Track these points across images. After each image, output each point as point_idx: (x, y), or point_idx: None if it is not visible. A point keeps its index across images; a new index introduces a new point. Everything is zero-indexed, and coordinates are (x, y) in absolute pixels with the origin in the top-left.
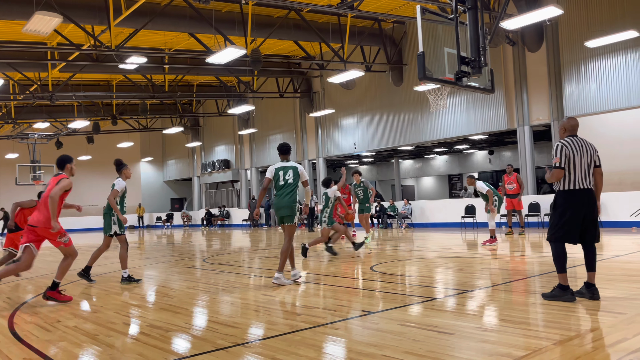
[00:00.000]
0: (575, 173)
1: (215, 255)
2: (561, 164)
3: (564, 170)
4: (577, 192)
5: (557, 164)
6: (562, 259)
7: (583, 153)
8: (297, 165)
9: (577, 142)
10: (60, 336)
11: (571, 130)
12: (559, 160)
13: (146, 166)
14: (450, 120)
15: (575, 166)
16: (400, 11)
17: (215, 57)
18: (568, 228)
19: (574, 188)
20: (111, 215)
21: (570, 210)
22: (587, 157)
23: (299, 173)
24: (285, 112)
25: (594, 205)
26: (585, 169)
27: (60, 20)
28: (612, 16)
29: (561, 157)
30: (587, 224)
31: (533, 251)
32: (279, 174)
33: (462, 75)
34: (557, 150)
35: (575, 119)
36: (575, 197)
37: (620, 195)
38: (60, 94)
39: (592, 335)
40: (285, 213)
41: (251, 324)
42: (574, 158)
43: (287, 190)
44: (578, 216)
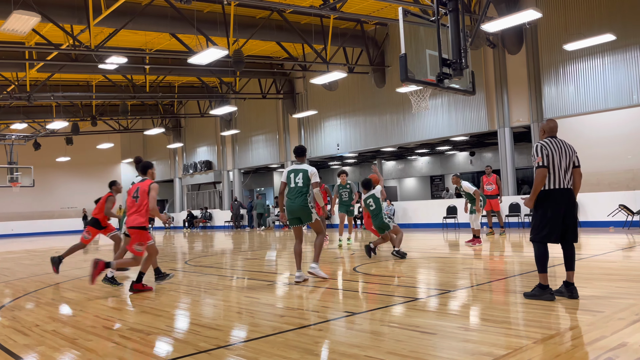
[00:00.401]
0: (555, 173)
1: (197, 257)
2: (544, 162)
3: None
4: (557, 192)
5: (539, 163)
6: (544, 259)
7: (562, 154)
8: (308, 168)
9: (556, 143)
10: (39, 340)
11: (550, 132)
12: (541, 160)
13: (127, 168)
14: (432, 122)
15: (555, 166)
16: (382, 13)
17: (197, 58)
18: (550, 228)
19: (554, 188)
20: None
21: (551, 210)
22: (567, 158)
23: (309, 176)
24: (267, 113)
25: (574, 204)
26: (564, 169)
27: (39, 19)
28: (589, 20)
29: (542, 157)
30: (567, 223)
31: (514, 251)
32: (290, 176)
33: (444, 77)
34: (537, 151)
35: (554, 121)
36: (556, 197)
37: (598, 196)
38: (38, 94)
39: (572, 334)
40: (300, 215)
41: (234, 326)
42: (554, 158)
43: (297, 194)
44: (559, 216)
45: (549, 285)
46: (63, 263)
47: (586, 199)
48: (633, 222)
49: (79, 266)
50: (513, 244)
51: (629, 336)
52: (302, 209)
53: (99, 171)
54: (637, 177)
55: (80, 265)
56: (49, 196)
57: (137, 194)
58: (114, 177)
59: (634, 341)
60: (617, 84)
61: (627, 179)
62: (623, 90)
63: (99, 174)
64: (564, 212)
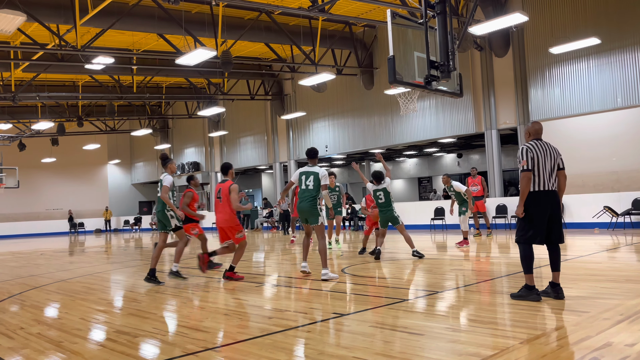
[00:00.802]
0: (540, 175)
1: (184, 259)
2: (528, 166)
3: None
4: (542, 194)
5: (524, 167)
6: (529, 260)
7: (547, 156)
8: (319, 171)
9: (541, 146)
10: (23, 343)
11: (535, 134)
12: (526, 163)
13: (113, 169)
14: (420, 124)
15: (540, 168)
16: (371, 15)
17: (185, 59)
18: (535, 229)
19: (539, 190)
20: (167, 211)
21: (536, 211)
22: (551, 160)
23: (319, 179)
24: (256, 114)
25: (559, 206)
26: (549, 171)
27: (24, 18)
28: (575, 24)
29: (527, 160)
30: (551, 224)
31: (500, 252)
32: (302, 178)
33: (432, 79)
34: (522, 154)
35: (539, 124)
36: (541, 199)
37: (583, 197)
38: (23, 94)
39: (558, 334)
40: (307, 216)
41: (221, 328)
42: (539, 161)
43: (307, 195)
44: (544, 217)
45: (535, 286)
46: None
47: (571, 201)
48: (617, 224)
49: (65, 268)
50: (500, 245)
51: (613, 336)
52: (310, 211)
53: (85, 172)
54: (622, 179)
55: (65, 267)
56: (34, 197)
57: (220, 195)
58: (101, 179)
59: (618, 341)
60: (602, 87)
61: (612, 180)
62: (607, 93)
63: (85, 175)
64: (549, 213)
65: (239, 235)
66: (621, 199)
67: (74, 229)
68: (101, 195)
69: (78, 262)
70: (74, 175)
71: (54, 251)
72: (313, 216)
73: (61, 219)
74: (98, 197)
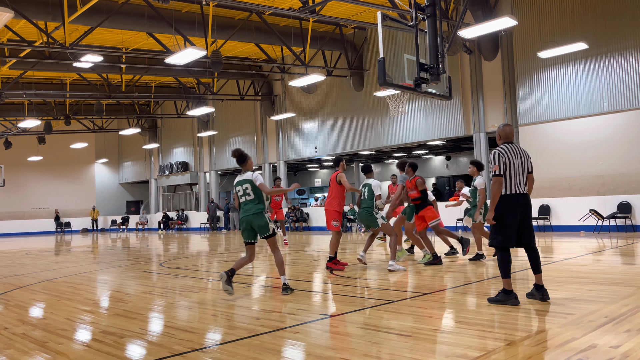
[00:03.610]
0: (512, 178)
1: (172, 259)
2: (500, 171)
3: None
4: (513, 197)
5: (496, 172)
6: (507, 264)
7: (518, 159)
8: (373, 182)
9: (512, 149)
10: (7, 344)
11: (506, 138)
12: (497, 168)
13: (101, 168)
14: (409, 126)
15: (512, 172)
16: (361, 17)
17: (174, 58)
18: (507, 232)
19: (510, 193)
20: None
21: (508, 214)
22: (522, 163)
23: (372, 189)
24: (245, 114)
25: (530, 209)
26: (520, 174)
27: (12, 15)
28: (562, 28)
29: (499, 165)
30: (523, 227)
31: (488, 254)
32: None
33: (421, 82)
34: (494, 158)
35: (510, 126)
36: (512, 202)
37: (569, 201)
38: (10, 91)
39: (543, 336)
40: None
41: (209, 329)
42: (510, 164)
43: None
44: (515, 220)
45: (513, 290)
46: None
47: (558, 204)
48: (603, 227)
49: (51, 268)
50: (487, 247)
51: (598, 338)
52: (369, 219)
53: (73, 171)
54: (607, 182)
55: (51, 267)
56: (19, 196)
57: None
58: (88, 178)
59: (603, 342)
60: (589, 91)
61: (598, 184)
62: (594, 97)
63: (72, 174)
64: (521, 216)
65: (335, 223)
66: (607, 202)
67: (60, 229)
68: (88, 195)
69: (64, 261)
70: (60, 174)
71: (39, 250)
72: (372, 223)
73: (47, 218)
74: (85, 197)
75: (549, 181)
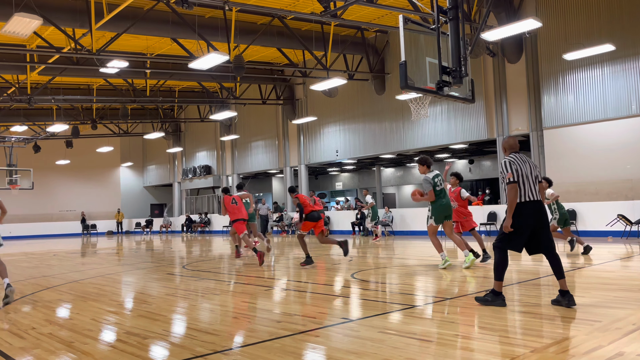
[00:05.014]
0: (524, 186)
1: (195, 261)
2: (514, 178)
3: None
4: (527, 204)
5: (510, 179)
6: (503, 267)
7: (527, 167)
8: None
9: (520, 158)
10: (35, 343)
11: (511, 149)
12: (511, 175)
13: (126, 171)
14: (432, 129)
15: (523, 180)
16: (383, 21)
17: (197, 63)
18: (518, 239)
19: (524, 200)
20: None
21: (523, 222)
22: (532, 172)
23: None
24: (267, 118)
25: (545, 215)
26: (532, 182)
27: (40, 22)
28: (589, 30)
29: (512, 172)
30: (540, 234)
31: (512, 259)
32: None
33: (443, 85)
34: (506, 167)
35: (514, 138)
36: (526, 209)
37: (597, 205)
38: (39, 97)
39: (569, 343)
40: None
41: (230, 331)
42: (523, 172)
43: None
44: (526, 227)
45: (502, 293)
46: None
47: (585, 208)
48: (631, 232)
49: (77, 269)
50: (510, 252)
51: (625, 346)
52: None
53: (99, 174)
54: (636, 186)
55: (77, 268)
56: (48, 199)
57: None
58: (114, 181)
59: (630, 351)
60: (616, 94)
61: (626, 188)
62: (622, 100)
63: (98, 177)
64: (534, 223)
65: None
66: (635, 207)
67: (86, 231)
68: (113, 198)
69: (90, 263)
70: (87, 178)
71: (66, 252)
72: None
73: (74, 221)
74: (110, 199)
75: (575, 185)
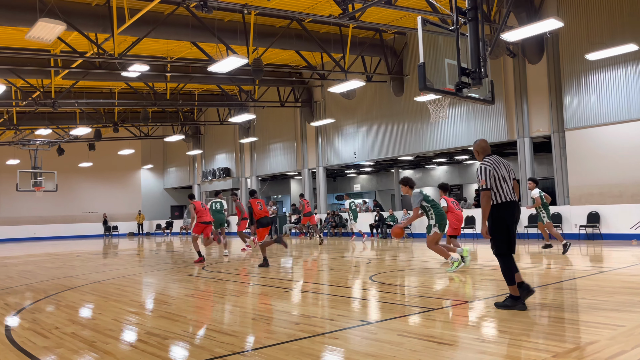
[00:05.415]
0: (503, 187)
1: (214, 263)
2: (487, 185)
3: (493, 188)
4: (508, 205)
5: (483, 186)
6: (510, 272)
7: (503, 168)
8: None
9: (495, 161)
10: (58, 343)
11: (484, 152)
12: (485, 183)
13: (147, 173)
14: (451, 131)
15: (502, 181)
16: (401, 22)
17: (217, 66)
18: (511, 239)
19: (505, 201)
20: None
21: (508, 222)
22: (508, 172)
23: None
24: (285, 121)
25: (519, 217)
26: (509, 182)
27: (64, 27)
28: (612, 29)
29: (487, 179)
30: (513, 233)
31: (533, 263)
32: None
33: (463, 86)
34: (481, 173)
35: (485, 141)
36: (509, 210)
37: (620, 208)
38: (62, 100)
39: (591, 348)
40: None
41: (249, 333)
42: (499, 175)
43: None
44: (510, 225)
45: (520, 297)
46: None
47: (608, 211)
48: None
49: (99, 270)
50: (532, 255)
51: None
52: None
53: (120, 177)
54: None
55: (100, 269)
56: (71, 201)
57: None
58: (135, 183)
59: None
60: None
61: None
62: None
63: (119, 179)
64: (513, 222)
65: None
66: None
67: (108, 232)
68: (134, 199)
69: (112, 264)
70: (108, 180)
71: (89, 253)
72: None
73: (96, 222)
74: (131, 201)
75: (598, 187)
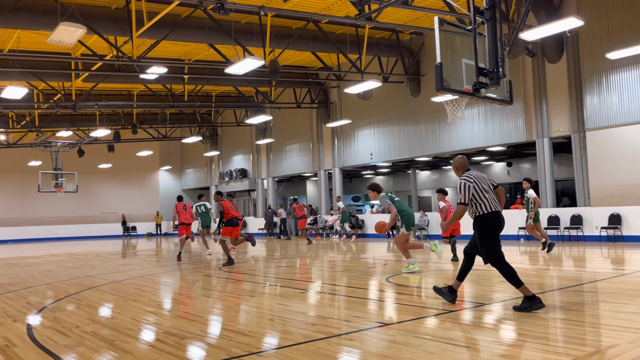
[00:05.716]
0: (487, 198)
1: (239, 263)
2: (466, 200)
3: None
4: (494, 214)
5: (461, 200)
6: (513, 274)
7: (482, 181)
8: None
9: (475, 176)
10: (78, 341)
11: (463, 168)
12: (464, 197)
13: (165, 175)
14: (468, 132)
15: (484, 194)
16: (418, 22)
17: (234, 68)
18: (497, 246)
19: (490, 211)
20: None
21: (497, 231)
22: (488, 184)
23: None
24: (302, 122)
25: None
26: (492, 193)
27: (84, 31)
28: (633, 28)
29: (466, 194)
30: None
31: (554, 265)
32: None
33: (480, 87)
34: (462, 188)
35: (464, 157)
36: (495, 219)
37: None
38: (83, 103)
39: (612, 351)
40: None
41: (266, 333)
42: (480, 188)
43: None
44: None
45: (535, 295)
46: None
47: (630, 212)
48: None
49: (118, 270)
50: (552, 257)
51: None
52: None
53: (139, 178)
54: None
55: (119, 269)
56: (90, 201)
57: None
58: (153, 184)
59: None
60: None
61: None
62: None
63: (138, 180)
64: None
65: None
66: None
67: (127, 233)
68: (153, 200)
69: (130, 264)
70: (127, 181)
71: (108, 253)
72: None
73: (115, 223)
74: (150, 202)
75: (619, 189)
